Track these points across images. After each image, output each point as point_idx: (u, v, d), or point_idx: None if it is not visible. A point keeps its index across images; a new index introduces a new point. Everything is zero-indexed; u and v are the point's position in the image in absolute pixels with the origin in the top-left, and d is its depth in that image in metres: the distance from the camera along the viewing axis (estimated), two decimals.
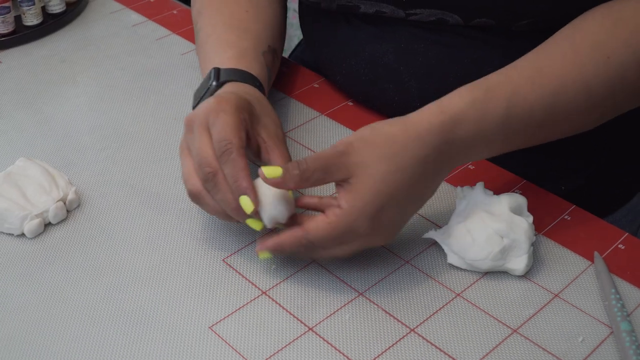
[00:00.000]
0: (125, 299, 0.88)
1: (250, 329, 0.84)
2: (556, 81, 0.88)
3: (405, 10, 1.02)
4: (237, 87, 0.96)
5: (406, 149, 0.83)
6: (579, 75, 0.88)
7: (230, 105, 0.89)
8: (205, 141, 0.87)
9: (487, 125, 0.86)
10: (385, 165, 0.82)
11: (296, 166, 0.82)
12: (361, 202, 0.82)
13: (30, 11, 1.31)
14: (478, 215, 0.88)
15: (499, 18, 0.97)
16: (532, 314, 0.85)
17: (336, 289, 0.88)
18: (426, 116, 0.85)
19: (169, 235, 0.95)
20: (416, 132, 0.84)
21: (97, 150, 1.08)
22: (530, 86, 0.87)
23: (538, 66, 0.89)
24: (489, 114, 0.86)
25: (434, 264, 0.90)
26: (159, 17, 1.38)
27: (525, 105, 0.87)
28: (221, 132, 0.86)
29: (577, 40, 0.90)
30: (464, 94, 0.86)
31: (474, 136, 0.86)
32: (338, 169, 0.82)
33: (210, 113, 0.88)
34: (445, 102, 0.86)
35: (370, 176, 0.82)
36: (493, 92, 0.86)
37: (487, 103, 0.86)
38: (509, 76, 0.88)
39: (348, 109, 1.14)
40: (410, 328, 0.84)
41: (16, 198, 0.95)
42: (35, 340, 0.83)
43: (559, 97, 0.88)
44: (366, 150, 0.82)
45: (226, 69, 0.98)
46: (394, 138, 0.83)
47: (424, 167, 0.84)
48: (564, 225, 0.95)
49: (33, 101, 1.18)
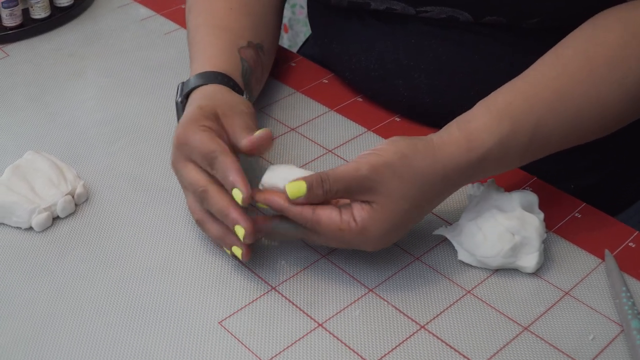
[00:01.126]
0: (134, 293, 0.87)
1: (259, 324, 0.84)
2: (574, 106, 0.89)
3: (415, 8, 1.01)
4: (199, 95, 0.95)
5: (432, 187, 0.85)
6: (596, 99, 0.89)
7: (191, 127, 0.89)
8: (189, 169, 0.88)
9: (508, 159, 0.88)
10: (408, 203, 0.83)
11: (320, 186, 0.82)
12: (374, 228, 0.83)
13: (38, 4, 1.31)
14: (489, 212, 0.88)
15: (508, 16, 0.97)
16: (543, 312, 0.85)
17: (346, 285, 0.88)
18: (455, 152, 0.85)
19: (177, 229, 0.95)
20: (444, 171, 0.84)
21: (106, 144, 1.08)
22: (551, 114, 0.88)
23: (558, 89, 0.88)
24: (511, 149, 0.87)
25: (445, 261, 0.90)
26: (167, 11, 1.37)
27: (546, 134, 0.88)
28: (200, 151, 0.87)
29: (593, 58, 0.90)
30: (493, 130, 0.86)
31: (493, 169, 0.88)
32: (360, 191, 0.82)
33: (182, 147, 0.89)
34: (474, 138, 0.85)
35: (391, 211, 0.83)
36: (518, 126, 0.87)
37: (512, 139, 0.86)
38: (532, 104, 0.88)
39: (357, 105, 1.14)
40: (420, 325, 0.83)
41: (24, 191, 0.95)
42: (44, 333, 0.83)
43: (576, 122, 0.89)
44: (393, 183, 0.82)
45: (192, 77, 0.98)
46: (422, 176, 0.84)
47: (442, 199, 0.87)
48: (574, 223, 0.95)
49: (41, 94, 1.18)
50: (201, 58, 1.02)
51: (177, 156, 0.90)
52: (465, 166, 0.85)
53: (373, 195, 0.82)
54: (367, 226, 0.83)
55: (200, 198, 0.87)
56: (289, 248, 0.92)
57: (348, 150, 1.06)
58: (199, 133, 0.88)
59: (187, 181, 0.89)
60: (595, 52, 0.90)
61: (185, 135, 0.88)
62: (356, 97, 1.15)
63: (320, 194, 0.82)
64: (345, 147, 1.06)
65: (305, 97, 1.16)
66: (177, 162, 0.90)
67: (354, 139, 1.07)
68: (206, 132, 0.88)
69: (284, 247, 0.92)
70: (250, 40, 1.06)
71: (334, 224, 0.83)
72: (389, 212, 0.83)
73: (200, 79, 0.97)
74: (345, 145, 1.06)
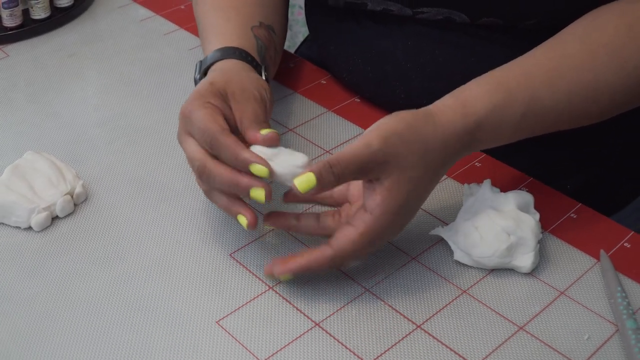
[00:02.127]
0: (132, 293, 0.88)
1: (257, 324, 0.84)
2: (571, 85, 0.89)
3: (412, 9, 1.02)
4: (214, 71, 0.94)
5: (435, 152, 0.84)
6: (594, 80, 0.89)
7: (196, 103, 0.88)
8: (190, 145, 0.87)
9: (502, 130, 0.88)
10: (420, 169, 0.83)
11: (330, 172, 0.80)
12: (394, 206, 0.82)
13: (38, 5, 1.32)
14: (485, 212, 0.89)
15: (505, 17, 0.98)
16: (538, 312, 0.85)
17: (343, 285, 0.88)
18: (451, 118, 0.85)
19: (176, 229, 0.95)
20: (443, 135, 0.84)
21: (105, 144, 1.09)
22: (547, 89, 0.88)
23: (556, 67, 0.89)
24: (506, 120, 0.87)
25: (441, 261, 0.91)
26: (167, 12, 1.38)
27: (541, 109, 0.88)
28: (200, 128, 0.86)
29: (593, 43, 0.90)
30: (485, 99, 0.86)
31: (488, 139, 0.88)
32: (373, 168, 0.81)
33: (184, 120, 0.88)
34: (469, 105, 0.86)
35: (404, 181, 0.82)
36: (513, 97, 0.87)
37: (507, 109, 0.87)
38: (529, 76, 0.88)
39: (355, 106, 1.14)
40: (416, 324, 0.84)
41: (24, 191, 0.95)
42: (42, 332, 0.84)
43: (571, 101, 0.89)
44: (402, 149, 0.82)
45: (208, 55, 0.97)
46: (427, 139, 0.83)
47: (445, 168, 0.87)
48: (570, 223, 0.95)
49: (41, 94, 1.19)
50: (215, 38, 1.01)
51: (180, 129, 0.89)
52: (462, 131, 0.85)
53: (385, 168, 0.81)
54: (385, 211, 0.81)
55: (199, 173, 0.86)
56: (286, 248, 0.93)
57: None
58: (202, 109, 0.87)
59: (187, 156, 0.88)
60: (593, 38, 0.91)
61: (189, 109, 0.87)
62: (354, 98, 1.16)
63: (333, 180, 0.80)
64: (343, 148, 1.06)
65: (303, 97, 1.16)
66: (180, 135, 0.89)
67: (352, 139, 1.08)
68: (209, 109, 0.87)
69: (281, 247, 0.93)
70: (261, 21, 1.06)
71: (352, 235, 0.82)
72: (404, 185, 0.82)
73: (217, 54, 0.97)
74: (342, 145, 1.07)
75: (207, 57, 0.98)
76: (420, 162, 0.83)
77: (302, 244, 0.93)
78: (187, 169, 0.98)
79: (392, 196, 0.82)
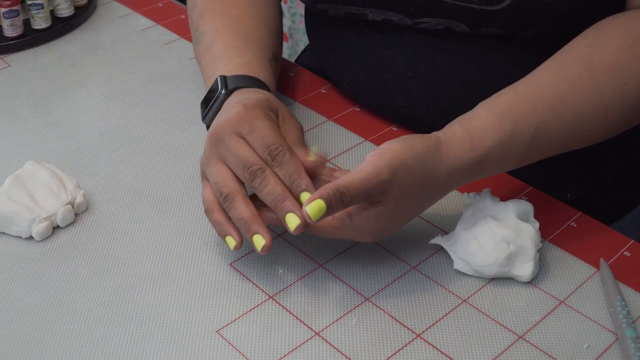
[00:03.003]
0: (133, 302, 0.88)
1: (257, 333, 0.84)
2: (575, 111, 0.89)
3: (412, 19, 1.02)
4: (249, 93, 0.93)
5: (436, 186, 0.86)
6: (599, 104, 0.90)
7: (259, 111, 0.88)
8: (243, 145, 0.87)
9: (508, 160, 0.89)
10: (417, 197, 0.85)
11: (340, 201, 0.80)
12: (371, 225, 0.84)
13: (39, 15, 1.32)
14: (485, 221, 0.89)
15: (505, 28, 0.98)
16: (538, 320, 0.85)
17: (343, 294, 0.88)
18: (459, 151, 0.86)
19: (176, 239, 0.96)
20: (449, 169, 0.85)
21: (106, 154, 1.09)
22: (552, 118, 0.89)
23: (560, 93, 0.89)
24: (512, 150, 0.88)
25: (441, 270, 0.91)
26: (168, 21, 1.38)
27: (546, 138, 0.89)
28: (266, 137, 0.86)
29: (596, 64, 0.90)
30: (494, 129, 0.87)
31: (493, 169, 0.89)
32: (378, 195, 0.82)
33: (241, 122, 0.87)
34: (476, 137, 0.86)
35: (399, 208, 0.84)
36: (519, 128, 0.87)
37: (513, 140, 0.87)
38: (534, 105, 0.88)
39: (355, 115, 1.15)
40: (416, 333, 0.84)
41: (25, 201, 0.96)
42: (43, 342, 0.84)
43: (576, 126, 0.90)
44: (408, 182, 0.83)
45: (233, 76, 0.97)
46: (432, 172, 0.84)
47: (439, 198, 0.88)
48: (570, 232, 0.95)
49: (42, 104, 1.19)
50: (236, 60, 1.00)
51: (231, 130, 0.87)
52: (468, 165, 0.86)
53: (383, 196, 0.82)
54: (363, 224, 0.83)
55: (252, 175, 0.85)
56: (287, 257, 0.93)
57: (346, 160, 1.06)
58: (267, 120, 0.87)
59: (237, 153, 0.86)
60: (596, 59, 0.91)
61: (249, 115, 0.88)
62: (354, 107, 1.16)
63: (341, 208, 0.81)
64: (343, 157, 1.07)
65: (303, 106, 1.16)
66: (228, 135, 0.87)
67: (352, 148, 1.08)
68: (272, 120, 0.88)
69: (282, 256, 0.93)
70: (273, 52, 1.07)
71: (327, 224, 0.83)
72: (391, 212, 0.83)
73: (244, 81, 0.96)
74: (342, 155, 1.07)
75: (233, 77, 0.97)
76: (419, 192, 0.85)
77: (303, 253, 0.93)
78: (188, 178, 0.98)
79: (376, 217, 0.83)
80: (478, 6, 0.96)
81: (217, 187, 0.87)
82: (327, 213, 0.80)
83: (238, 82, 0.96)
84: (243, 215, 0.85)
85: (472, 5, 0.96)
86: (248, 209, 0.85)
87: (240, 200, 0.86)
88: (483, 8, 0.96)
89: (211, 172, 0.89)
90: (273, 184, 0.84)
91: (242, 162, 0.86)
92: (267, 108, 0.90)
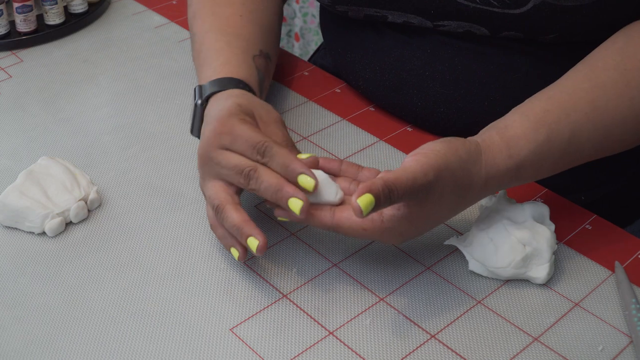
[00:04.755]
0: (146, 299, 0.88)
1: (270, 332, 0.84)
2: (609, 117, 0.89)
3: (433, 22, 1.02)
4: (221, 101, 0.93)
5: (476, 190, 0.86)
6: (630, 111, 0.90)
7: (234, 119, 0.88)
8: (230, 155, 0.87)
9: (542, 168, 0.89)
10: (454, 202, 0.85)
11: (388, 198, 0.78)
12: (402, 227, 0.83)
13: (53, 10, 1.32)
14: (501, 223, 0.88)
15: (526, 32, 0.97)
16: (553, 323, 0.85)
17: (357, 294, 0.88)
18: (497, 159, 0.86)
19: (190, 235, 0.95)
20: (486, 176, 0.85)
21: (119, 150, 1.09)
22: (586, 125, 0.88)
23: (593, 99, 0.89)
24: (547, 158, 0.88)
25: (455, 271, 0.90)
26: (181, 19, 1.38)
27: (580, 145, 0.89)
28: (249, 138, 0.86)
29: (628, 70, 0.90)
30: (530, 137, 0.86)
31: (528, 177, 0.89)
32: (422, 196, 0.81)
33: (221, 136, 0.88)
34: (513, 145, 0.86)
35: (428, 212, 0.83)
36: (555, 135, 0.87)
37: (548, 148, 0.87)
38: (568, 113, 0.88)
39: (370, 114, 1.14)
40: (430, 334, 0.84)
41: (38, 197, 0.96)
42: (56, 338, 0.84)
43: (609, 133, 0.90)
44: (449, 185, 0.82)
45: (209, 82, 0.97)
46: (472, 179, 0.84)
47: (472, 203, 0.88)
48: (585, 235, 0.95)
49: (55, 100, 1.19)
50: (215, 63, 1.01)
51: (213, 146, 0.88)
52: (504, 173, 0.86)
53: (425, 196, 0.81)
54: (394, 226, 0.82)
55: (247, 177, 0.85)
56: (301, 256, 0.92)
57: (360, 159, 1.06)
58: (244, 124, 0.87)
59: (226, 163, 0.87)
60: (628, 64, 0.91)
61: (228, 124, 0.88)
62: (369, 107, 1.16)
63: (387, 205, 0.79)
64: (358, 156, 1.06)
65: (317, 106, 1.16)
66: (213, 150, 0.88)
67: (366, 148, 1.08)
68: (249, 123, 0.88)
69: (296, 255, 0.93)
70: (261, 49, 1.06)
71: (357, 225, 0.82)
72: (425, 214, 0.83)
73: (218, 85, 0.96)
74: (357, 154, 1.07)
75: (209, 84, 0.97)
76: (457, 197, 0.84)
77: (317, 252, 0.93)
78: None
79: (410, 218, 0.82)
80: (500, 9, 0.95)
81: (210, 201, 0.89)
82: (375, 208, 0.78)
83: (213, 87, 0.96)
84: (234, 222, 0.85)
85: (494, 9, 0.96)
86: (238, 215, 0.85)
87: (230, 209, 0.86)
88: (505, 12, 0.95)
89: (205, 190, 0.90)
90: (268, 178, 0.84)
91: (234, 170, 0.86)
92: (240, 114, 0.89)
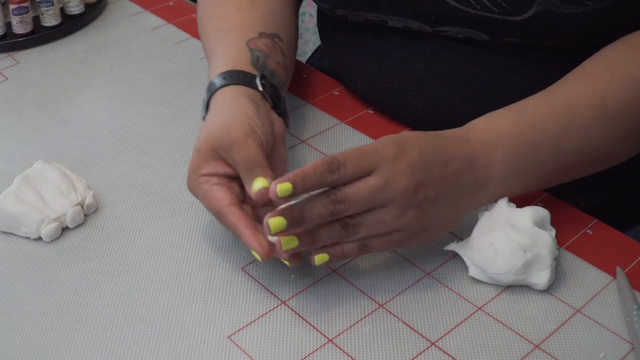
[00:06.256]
0: (143, 305, 0.87)
1: (269, 339, 0.83)
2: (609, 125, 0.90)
3: (433, 27, 1.01)
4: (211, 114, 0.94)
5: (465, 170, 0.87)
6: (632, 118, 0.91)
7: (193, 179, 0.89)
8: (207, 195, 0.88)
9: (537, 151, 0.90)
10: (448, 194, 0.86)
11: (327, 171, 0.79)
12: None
13: (49, 12, 1.31)
14: (501, 228, 0.88)
15: (527, 38, 0.97)
16: (554, 329, 0.84)
17: (356, 301, 0.87)
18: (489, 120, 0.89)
19: (187, 241, 0.95)
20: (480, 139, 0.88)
21: (116, 154, 1.08)
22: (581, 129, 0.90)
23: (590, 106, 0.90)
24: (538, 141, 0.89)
25: (455, 277, 0.90)
26: (179, 20, 1.37)
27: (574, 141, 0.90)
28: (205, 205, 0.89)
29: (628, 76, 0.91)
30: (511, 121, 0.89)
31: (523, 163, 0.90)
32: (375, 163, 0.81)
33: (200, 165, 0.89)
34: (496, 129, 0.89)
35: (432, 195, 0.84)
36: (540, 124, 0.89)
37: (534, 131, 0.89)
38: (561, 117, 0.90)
39: (368, 117, 1.14)
40: (431, 341, 0.83)
41: (34, 201, 0.95)
42: (52, 343, 0.83)
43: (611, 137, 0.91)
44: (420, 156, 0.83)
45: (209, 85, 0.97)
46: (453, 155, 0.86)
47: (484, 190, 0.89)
48: (585, 240, 0.94)
49: (51, 103, 1.18)
50: (213, 64, 1.01)
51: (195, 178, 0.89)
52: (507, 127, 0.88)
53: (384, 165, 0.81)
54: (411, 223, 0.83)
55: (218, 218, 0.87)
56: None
57: None
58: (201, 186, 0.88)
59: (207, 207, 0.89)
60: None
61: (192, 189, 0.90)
62: (367, 110, 1.15)
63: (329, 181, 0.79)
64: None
65: (315, 108, 1.16)
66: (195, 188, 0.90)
67: None
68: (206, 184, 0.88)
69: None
70: (261, 32, 1.05)
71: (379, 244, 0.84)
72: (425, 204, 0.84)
73: (207, 92, 0.97)
74: None
75: (209, 86, 0.97)
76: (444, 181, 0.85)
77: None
78: None
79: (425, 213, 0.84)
80: (501, 16, 0.95)
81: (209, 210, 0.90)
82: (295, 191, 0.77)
83: (209, 91, 0.97)
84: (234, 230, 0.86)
85: (495, 16, 0.95)
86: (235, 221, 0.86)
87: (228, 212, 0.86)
88: (505, 18, 0.95)
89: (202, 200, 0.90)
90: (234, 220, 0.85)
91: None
92: (201, 166, 0.88)
